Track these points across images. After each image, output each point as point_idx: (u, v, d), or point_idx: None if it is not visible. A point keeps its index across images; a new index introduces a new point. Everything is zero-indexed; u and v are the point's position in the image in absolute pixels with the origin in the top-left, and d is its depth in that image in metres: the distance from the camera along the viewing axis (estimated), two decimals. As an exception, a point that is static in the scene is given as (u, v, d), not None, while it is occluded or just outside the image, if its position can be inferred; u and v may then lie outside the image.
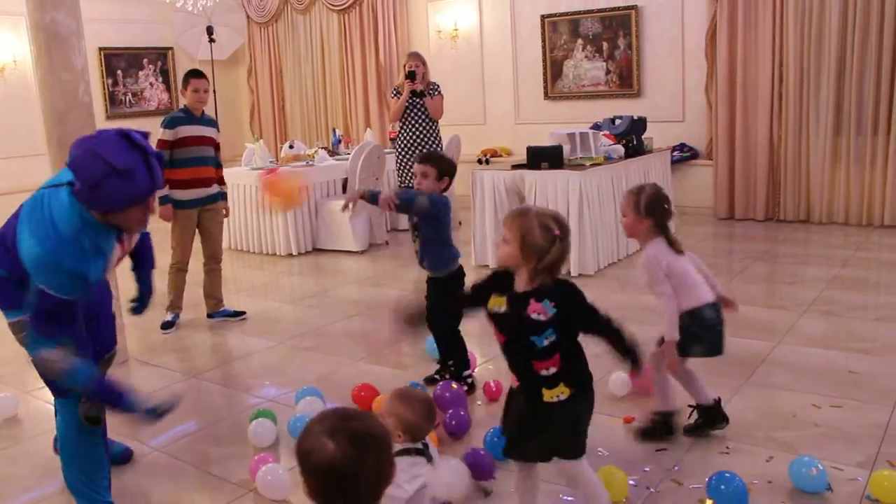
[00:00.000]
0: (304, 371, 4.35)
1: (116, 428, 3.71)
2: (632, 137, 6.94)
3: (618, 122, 7.13)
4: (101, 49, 10.57)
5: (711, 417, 3.28)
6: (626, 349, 2.45)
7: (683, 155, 8.28)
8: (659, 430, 3.29)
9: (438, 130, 7.05)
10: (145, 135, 2.52)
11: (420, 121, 6.93)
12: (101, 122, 10.28)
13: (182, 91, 5.35)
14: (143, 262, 3.19)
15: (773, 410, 3.53)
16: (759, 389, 3.77)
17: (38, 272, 2.43)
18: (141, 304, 3.26)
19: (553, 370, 2.41)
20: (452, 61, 9.69)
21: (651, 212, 3.09)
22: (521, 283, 2.40)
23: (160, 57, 11.38)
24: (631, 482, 2.92)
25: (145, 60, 11.22)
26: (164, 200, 5.11)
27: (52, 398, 2.84)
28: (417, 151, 6.89)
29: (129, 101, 11.09)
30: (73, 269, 2.44)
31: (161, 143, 5.10)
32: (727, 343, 4.38)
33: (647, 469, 3.05)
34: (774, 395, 3.70)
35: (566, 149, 6.35)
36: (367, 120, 10.61)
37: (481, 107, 9.83)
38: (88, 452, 2.80)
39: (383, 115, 10.44)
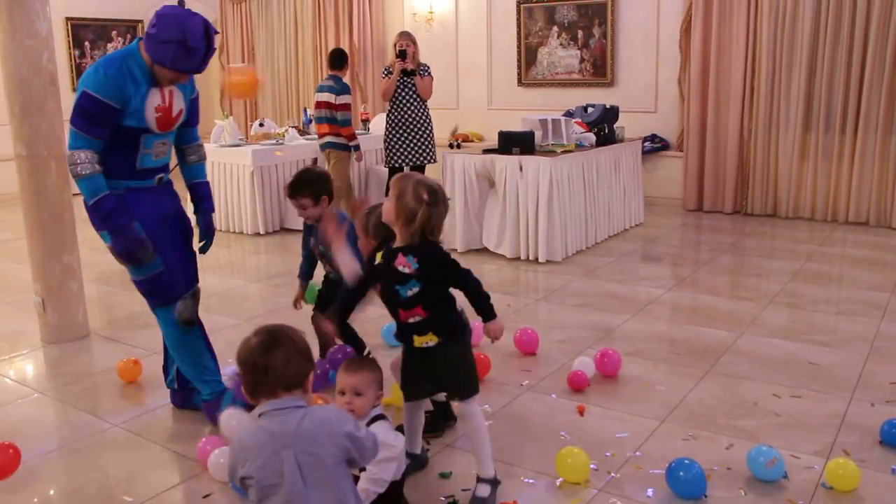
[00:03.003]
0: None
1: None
2: (604, 126, 6.95)
3: (590, 110, 7.14)
4: (68, 19, 10.35)
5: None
6: (480, 302, 2.69)
7: (654, 146, 8.32)
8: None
9: (428, 110, 7.02)
10: (215, 32, 3.10)
11: (410, 100, 6.89)
12: (67, 94, 10.04)
13: (343, 69, 7.27)
14: (201, 199, 3.54)
15: (734, 399, 3.56)
16: (721, 378, 3.81)
17: (86, 78, 3.02)
18: (207, 243, 3.55)
19: (418, 318, 2.67)
20: (427, 45, 9.59)
21: (376, 234, 3.14)
22: (397, 241, 2.68)
23: (129, 30, 11.17)
24: (592, 466, 2.93)
25: (114, 33, 11.01)
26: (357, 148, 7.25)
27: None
28: (407, 130, 6.91)
29: (97, 73, 10.85)
30: (113, 76, 2.99)
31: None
32: (692, 332, 4.45)
33: (608, 454, 3.07)
34: (737, 383, 3.73)
35: (538, 135, 6.34)
36: (339, 101, 10.50)
37: (454, 91, 9.79)
38: (191, 347, 3.39)
39: (355, 96, 10.35)
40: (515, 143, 6.20)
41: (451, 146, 8.73)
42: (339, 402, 2.61)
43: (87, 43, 10.69)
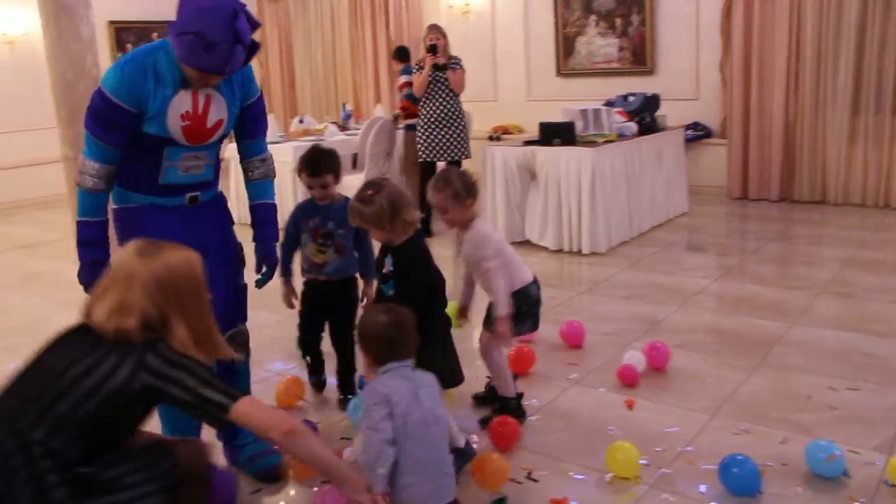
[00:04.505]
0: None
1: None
2: (645, 115, 6.85)
3: (631, 99, 7.04)
4: (110, 23, 10.49)
5: (507, 407, 3.27)
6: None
7: (697, 133, 8.18)
8: (513, 412, 3.25)
9: (461, 104, 6.94)
10: (255, 24, 2.54)
11: (443, 95, 6.81)
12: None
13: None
14: (261, 224, 3.09)
15: (788, 392, 3.48)
16: (773, 370, 3.72)
17: (106, 77, 2.60)
18: (264, 275, 3.12)
19: None
20: (463, 37, 9.55)
21: (471, 192, 3.13)
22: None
23: (170, 30, 11.26)
24: (642, 461, 2.88)
25: (155, 35, 11.11)
26: None
27: None
28: (441, 126, 6.79)
29: (139, 74, 10.99)
30: (130, 74, 2.54)
31: None
32: (741, 323, 4.37)
33: (659, 449, 3.01)
34: (789, 376, 3.65)
35: (578, 125, 6.27)
36: (377, 94, 10.53)
37: (492, 83, 9.73)
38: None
39: (394, 89, 10.35)
40: (556, 133, 6.14)
41: (490, 139, 8.71)
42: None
43: (129, 45, 10.81)
